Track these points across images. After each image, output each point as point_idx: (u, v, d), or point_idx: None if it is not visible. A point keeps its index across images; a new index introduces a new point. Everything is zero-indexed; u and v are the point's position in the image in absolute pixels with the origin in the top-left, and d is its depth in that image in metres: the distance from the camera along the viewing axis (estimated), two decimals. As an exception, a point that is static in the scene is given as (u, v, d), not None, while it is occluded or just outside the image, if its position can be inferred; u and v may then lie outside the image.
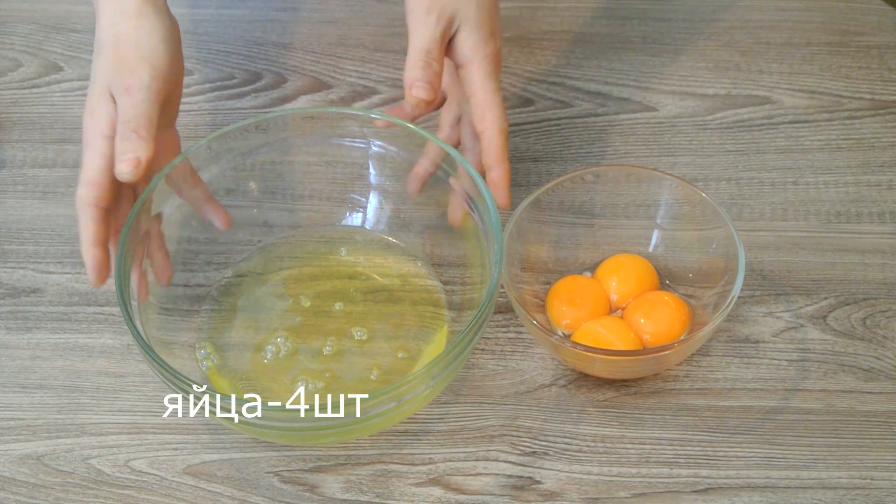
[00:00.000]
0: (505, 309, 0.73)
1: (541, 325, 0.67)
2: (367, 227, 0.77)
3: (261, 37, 0.94)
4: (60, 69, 0.92)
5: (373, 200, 0.78)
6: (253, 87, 0.90)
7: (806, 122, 0.86)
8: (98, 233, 0.67)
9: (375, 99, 0.89)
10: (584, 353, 0.67)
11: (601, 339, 0.69)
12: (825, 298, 0.74)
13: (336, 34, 0.94)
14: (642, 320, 0.70)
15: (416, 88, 0.69)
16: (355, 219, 0.78)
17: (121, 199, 0.69)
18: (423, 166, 0.73)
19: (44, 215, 0.81)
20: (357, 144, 0.75)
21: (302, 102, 0.89)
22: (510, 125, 0.86)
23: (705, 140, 0.85)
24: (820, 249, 0.77)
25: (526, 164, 0.83)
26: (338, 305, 0.73)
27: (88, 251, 0.66)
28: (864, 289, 0.75)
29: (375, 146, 0.75)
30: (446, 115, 0.76)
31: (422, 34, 0.70)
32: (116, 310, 0.75)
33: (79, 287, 0.77)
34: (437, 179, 0.73)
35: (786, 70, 0.90)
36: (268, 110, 0.88)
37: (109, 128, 0.67)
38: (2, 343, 0.74)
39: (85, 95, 0.89)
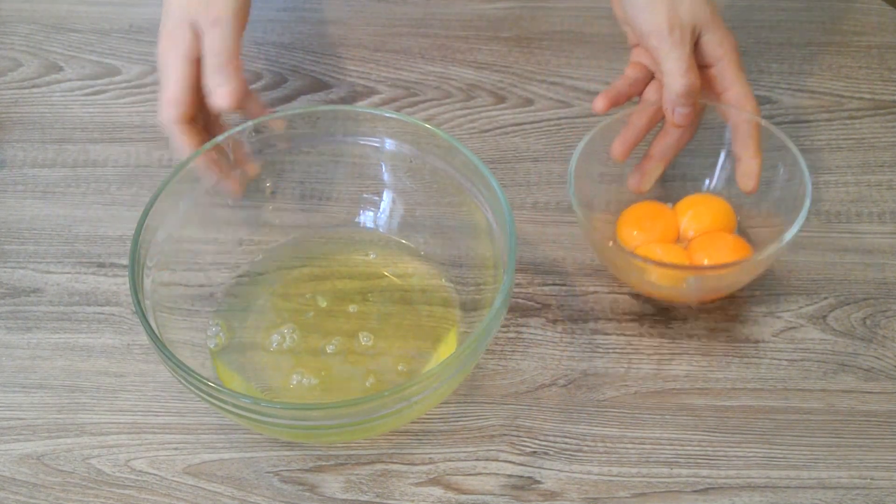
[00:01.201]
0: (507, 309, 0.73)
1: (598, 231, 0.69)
2: (380, 227, 0.77)
3: (261, 37, 0.94)
4: (60, 69, 0.92)
5: (386, 200, 0.78)
6: (253, 86, 0.90)
7: (806, 122, 0.86)
8: (194, 142, 0.73)
9: (375, 99, 0.89)
10: (636, 262, 0.69)
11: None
12: (825, 298, 0.74)
13: (336, 34, 0.94)
14: (704, 258, 0.72)
15: (678, 116, 0.72)
16: (368, 218, 0.78)
17: (202, 112, 0.75)
18: (618, 89, 0.76)
19: (44, 215, 0.81)
20: (371, 143, 0.75)
21: (302, 102, 0.89)
22: (511, 125, 0.86)
23: (706, 140, 0.85)
24: (820, 249, 0.77)
25: (526, 164, 0.83)
26: (351, 308, 0.73)
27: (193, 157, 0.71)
28: (864, 289, 0.75)
29: (389, 145, 0.75)
30: (652, 92, 0.78)
31: (676, 55, 0.71)
32: (116, 309, 0.75)
33: (79, 287, 0.77)
34: (460, 186, 0.72)
35: (786, 70, 0.90)
36: (269, 110, 0.88)
37: (192, 52, 0.73)
38: (2, 343, 0.74)
39: (85, 95, 0.90)
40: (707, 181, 0.77)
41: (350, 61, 0.92)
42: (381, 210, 0.78)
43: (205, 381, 0.60)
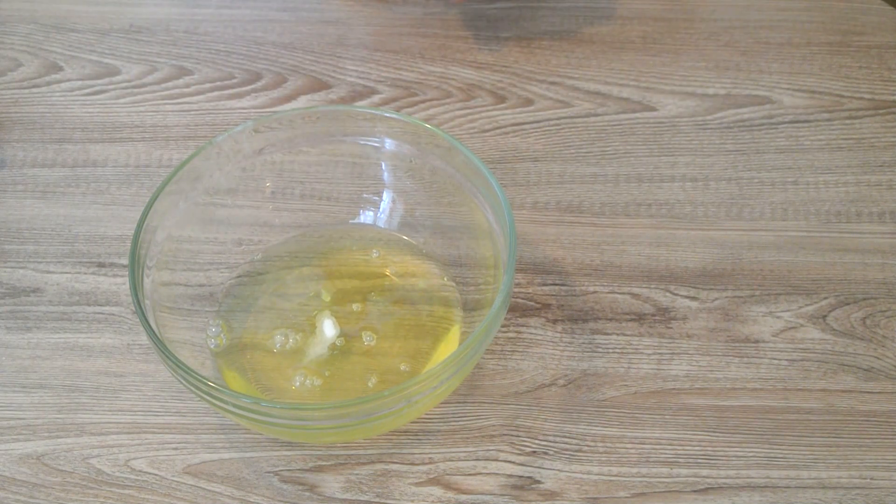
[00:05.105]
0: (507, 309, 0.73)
1: None
2: (381, 227, 0.78)
3: (261, 37, 0.94)
4: (60, 69, 0.92)
5: (386, 199, 0.78)
6: (253, 86, 0.90)
7: (806, 122, 0.86)
8: None
9: (375, 99, 0.89)
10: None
11: None
12: (825, 298, 0.74)
13: (336, 34, 0.94)
14: None
15: None
16: (368, 218, 0.78)
17: None
18: None
19: (44, 215, 0.81)
20: (371, 143, 0.75)
21: (302, 102, 0.89)
22: (511, 125, 0.86)
23: (705, 140, 0.85)
24: (820, 249, 0.77)
25: (526, 164, 0.83)
26: (353, 307, 0.73)
27: None
28: (864, 289, 0.75)
29: (389, 145, 0.75)
30: None
31: None
32: (116, 309, 0.75)
33: (79, 287, 0.77)
34: (460, 186, 0.72)
35: (786, 70, 0.90)
36: (269, 110, 0.88)
37: None
38: (2, 343, 0.74)
39: (85, 95, 0.90)
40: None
41: (350, 61, 0.92)
42: (381, 210, 0.78)
43: (205, 380, 0.60)
